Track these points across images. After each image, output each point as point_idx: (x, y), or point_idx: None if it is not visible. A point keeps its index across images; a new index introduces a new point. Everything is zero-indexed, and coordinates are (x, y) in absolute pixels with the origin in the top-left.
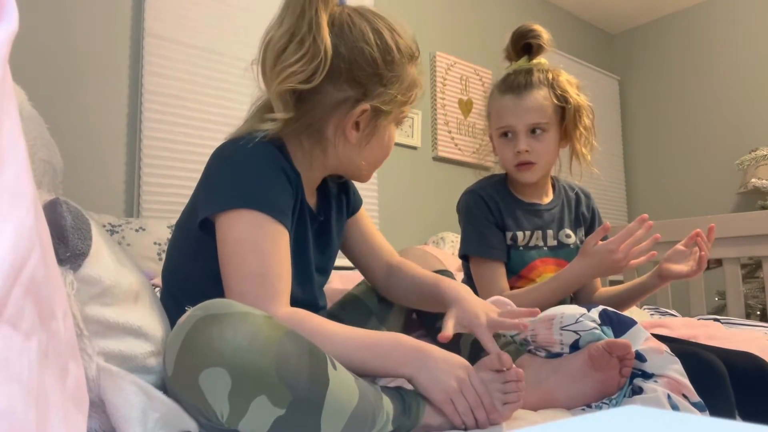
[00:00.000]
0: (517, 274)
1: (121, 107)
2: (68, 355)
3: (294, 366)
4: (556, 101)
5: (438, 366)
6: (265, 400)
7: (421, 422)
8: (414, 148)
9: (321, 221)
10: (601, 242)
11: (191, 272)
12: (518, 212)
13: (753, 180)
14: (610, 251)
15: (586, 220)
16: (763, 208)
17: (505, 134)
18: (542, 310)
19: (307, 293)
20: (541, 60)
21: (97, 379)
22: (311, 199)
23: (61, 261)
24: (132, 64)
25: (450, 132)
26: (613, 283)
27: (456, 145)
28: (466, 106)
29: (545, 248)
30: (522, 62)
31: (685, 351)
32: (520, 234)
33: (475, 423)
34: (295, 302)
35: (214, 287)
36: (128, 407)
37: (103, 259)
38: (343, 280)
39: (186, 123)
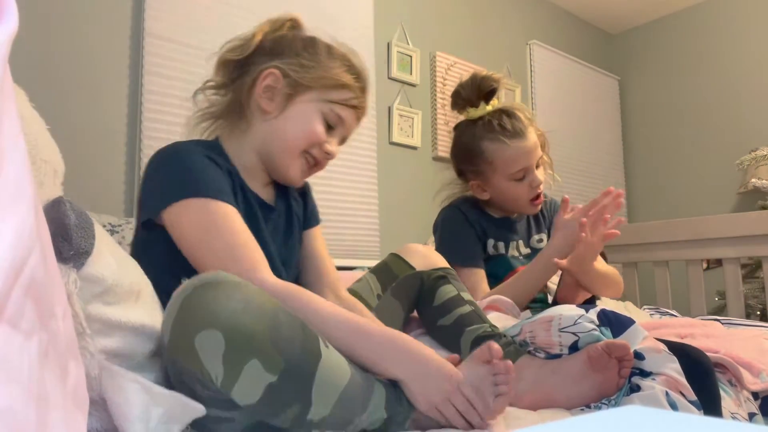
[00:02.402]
0: (501, 280)
1: (121, 107)
2: (68, 355)
3: (287, 334)
4: (538, 134)
5: (431, 374)
6: (257, 364)
7: (414, 412)
8: (414, 148)
9: (278, 212)
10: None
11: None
12: (494, 226)
13: (753, 180)
14: (576, 220)
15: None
16: (763, 208)
17: (520, 178)
18: (531, 294)
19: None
20: (495, 101)
21: (99, 378)
22: (264, 191)
23: (65, 259)
24: (132, 64)
25: (450, 132)
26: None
27: None
28: None
29: (521, 257)
30: (484, 107)
31: (673, 347)
32: (500, 243)
33: (469, 425)
34: None
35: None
36: (129, 406)
37: (105, 258)
38: (344, 280)
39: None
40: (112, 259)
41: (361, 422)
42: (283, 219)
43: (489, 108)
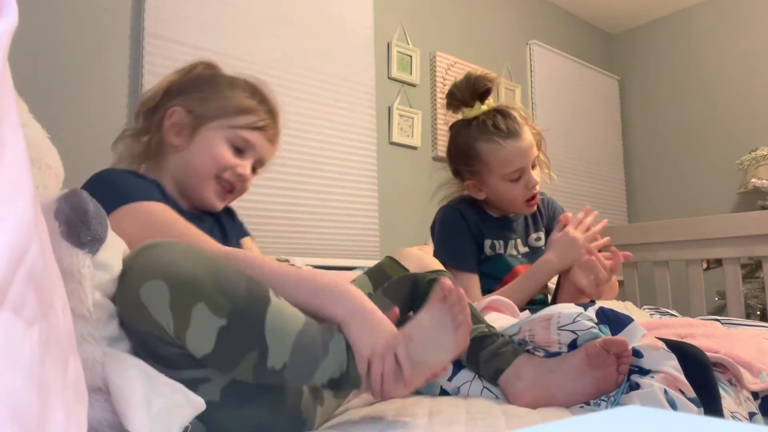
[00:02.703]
0: (500, 280)
1: (121, 107)
2: (68, 350)
3: (230, 278)
4: (534, 132)
5: (374, 317)
6: (204, 308)
7: None
8: (414, 148)
9: (208, 222)
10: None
11: None
12: (492, 225)
13: (753, 180)
14: (566, 234)
15: (551, 219)
16: (763, 208)
17: (516, 178)
18: (524, 302)
19: None
20: (490, 100)
21: (104, 364)
22: (192, 210)
23: (82, 244)
24: (132, 64)
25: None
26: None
27: None
28: None
29: (520, 256)
30: (479, 107)
31: (669, 345)
32: (498, 243)
33: (381, 391)
34: None
35: None
36: (131, 391)
37: (114, 247)
38: (343, 280)
39: None
40: (120, 249)
41: (326, 368)
42: (217, 229)
43: (484, 108)
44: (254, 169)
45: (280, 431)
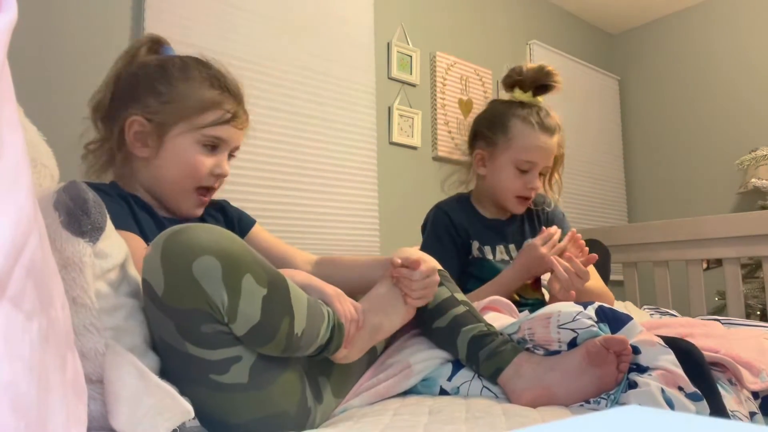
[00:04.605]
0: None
1: None
2: (66, 347)
3: (257, 255)
4: (560, 152)
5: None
6: (251, 279)
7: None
8: (414, 148)
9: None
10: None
11: None
12: (481, 228)
13: (753, 180)
14: (534, 246)
15: (549, 224)
16: (763, 208)
17: (525, 170)
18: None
19: None
20: (540, 98)
21: (105, 356)
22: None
23: (83, 233)
24: None
25: (450, 132)
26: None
27: (456, 145)
28: (466, 106)
29: (511, 261)
30: (530, 97)
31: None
32: (486, 247)
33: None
34: None
35: None
36: (122, 386)
37: (113, 237)
38: None
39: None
40: (118, 240)
41: (324, 332)
42: None
43: (534, 100)
44: (229, 156)
45: (290, 420)
